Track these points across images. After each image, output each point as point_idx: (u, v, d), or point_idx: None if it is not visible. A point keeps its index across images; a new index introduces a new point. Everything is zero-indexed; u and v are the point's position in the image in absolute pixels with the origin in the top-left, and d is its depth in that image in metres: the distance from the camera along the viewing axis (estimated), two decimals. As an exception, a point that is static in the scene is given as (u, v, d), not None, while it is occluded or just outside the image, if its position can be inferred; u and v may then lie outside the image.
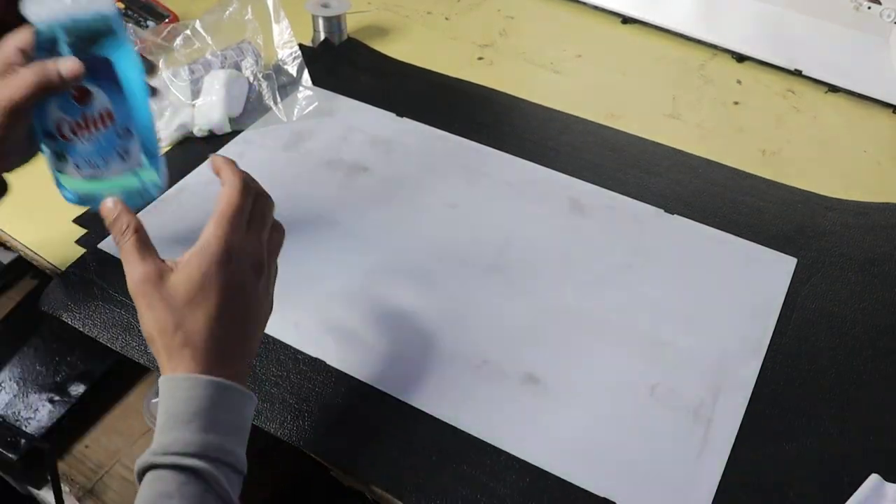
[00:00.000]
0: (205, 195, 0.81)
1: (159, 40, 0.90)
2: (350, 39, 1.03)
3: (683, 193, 0.82)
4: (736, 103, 0.96)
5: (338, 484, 0.62)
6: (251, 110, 0.90)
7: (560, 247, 0.76)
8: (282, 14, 0.93)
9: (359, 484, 0.60)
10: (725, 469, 0.60)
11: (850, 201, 0.83)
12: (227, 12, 0.92)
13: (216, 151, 0.86)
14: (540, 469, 0.59)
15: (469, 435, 0.61)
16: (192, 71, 0.88)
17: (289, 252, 0.61)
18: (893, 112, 0.95)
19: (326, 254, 0.75)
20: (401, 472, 0.60)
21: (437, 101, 0.94)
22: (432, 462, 0.60)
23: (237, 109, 0.89)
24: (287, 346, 0.67)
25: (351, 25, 1.04)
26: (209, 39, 0.91)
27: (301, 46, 0.95)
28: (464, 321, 0.70)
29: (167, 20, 0.98)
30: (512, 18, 1.10)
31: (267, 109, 0.90)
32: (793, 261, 0.75)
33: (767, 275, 0.74)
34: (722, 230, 0.78)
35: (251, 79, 0.91)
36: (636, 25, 1.08)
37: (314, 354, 0.66)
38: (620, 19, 1.09)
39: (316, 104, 0.91)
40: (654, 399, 0.64)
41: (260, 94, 0.91)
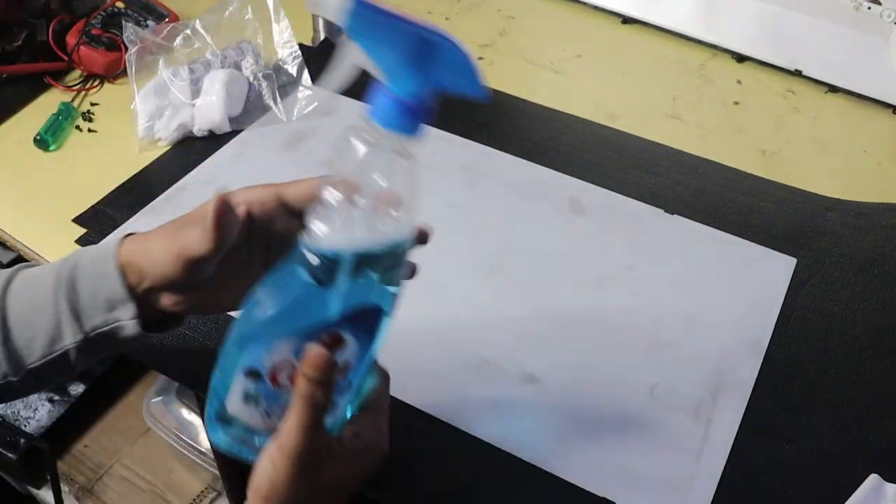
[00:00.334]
0: (204, 194, 0.80)
1: (159, 40, 0.90)
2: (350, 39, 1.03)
3: (683, 193, 0.82)
4: (736, 103, 0.96)
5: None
6: (251, 110, 0.90)
7: (560, 247, 0.76)
8: (282, 13, 0.93)
9: (358, 484, 0.60)
10: (725, 469, 0.60)
11: (850, 201, 0.83)
12: (227, 12, 0.92)
13: (216, 151, 0.86)
14: (539, 469, 0.59)
15: (468, 434, 0.61)
16: (192, 70, 0.88)
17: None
18: (893, 112, 0.95)
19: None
20: (400, 473, 0.59)
21: (437, 101, 0.93)
22: (431, 462, 0.60)
23: (237, 109, 0.89)
24: (286, 346, 0.67)
25: (351, 25, 1.04)
26: (209, 39, 0.91)
27: (301, 46, 0.95)
28: (463, 321, 0.70)
29: (167, 20, 0.98)
30: (512, 18, 1.10)
31: (267, 109, 0.90)
32: (792, 261, 0.75)
33: (767, 275, 0.74)
34: (722, 230, 0.78)
35: (251, 78, 0.91)
36: (636, 25, 1.08)
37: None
38: (621, 19, 1.09)
39: (316, 104, 0.91)
40: (654, 399, 0.64)
41: (260, 94, 0.91)
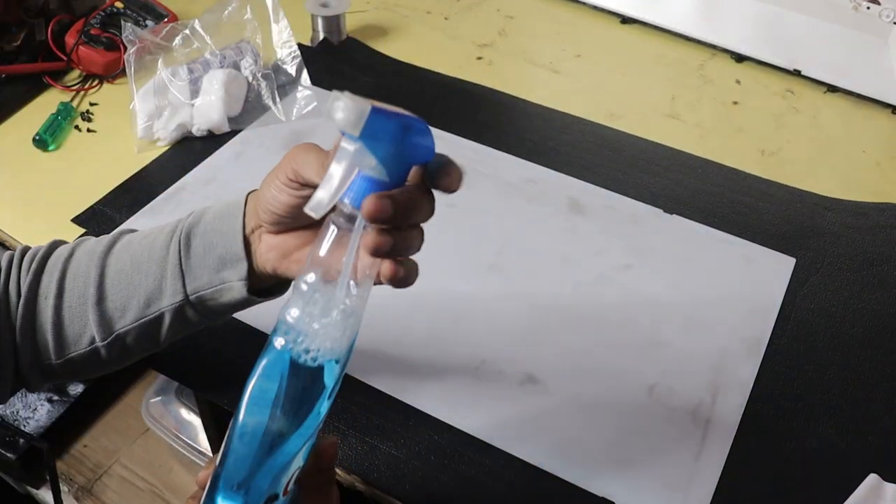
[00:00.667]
0: (203, 194, 0.81)
1: (158, 40, 0.90)
2: (349, 39, 1.03)
3: (682, 193, 0.82)
4: (735, 103, 0.96)
5: (337, 484, 0.62)
6: (250, 110, 0.90)
7: (559, 247, 0.76)
8: (281, 13, 0.93)
9: (358, 483, 0.60)
10: (724, 469, 0.60)
11: (849, 201, 0.83)
12: (226, 12, 0.92)
13: (215, 151, 0.86)
14: (539, 469, 0.59)
15: (468, 434, 0.61)
16: (191, 70, 0.88)
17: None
18: (892, 112, 0.95)
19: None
20: (400, 472, 0.60)
21: (437, 101, 0.94)
22: (431, 462, 0.60)
23: (236, 109, 0.89)
24: (286, 346, 0.67)
25: (350, 25, 1.04)
26: (208, 39, 0.91)
27: (300, 46, 0.95)
28: (462, 321, 0.70)
29: (166, 19, 0.98)
30: (511, 18, 1.10)
31: (266, 109, 0.90)
32: (791, 261, 0.76)
33: (766, 275, 0.74)
34: (721, 230, 0.78)
35: (250, 78, 0.91)
36: (635, 25, 1.08)
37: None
38: (620, 19, 1.09)
39: (315, 104, 0.91)
40: (653, 399, 0.64)
41: (259, 94, 0.91)
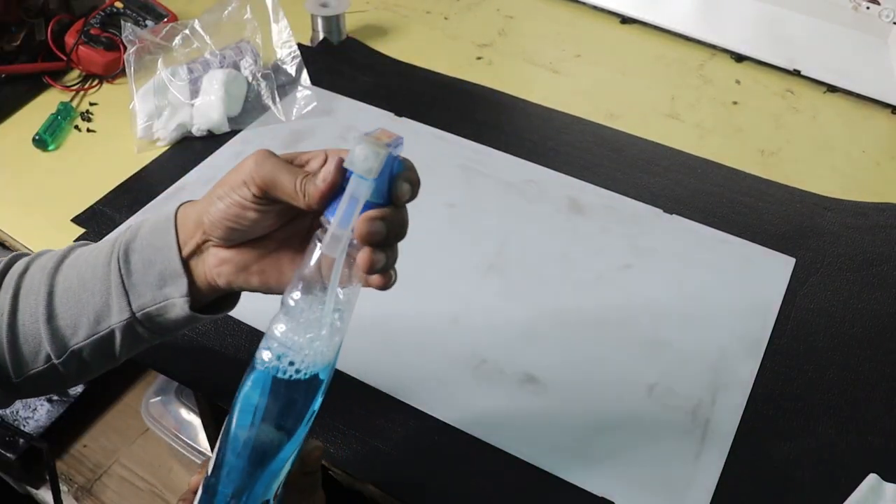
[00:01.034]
0: (203, 194, 0.80)
1: (158, 40, 0.90)
2: (349, 39, 1.03)
3: (682, 193, 0.82)
4: (735, 103, 0.96)
5: (337, 484, 0.62)
6: (250, 110, 0.90)
7: (559, 246, 0.76)
8: (281, 13, 0.93)
9: (358, 483, 0.60)
10: (724, 469, 0.60)
11: (849, 201, 0.83)
12: (226, 12, 0.92)
13: (215, 151, 0.86)
14: (538, 468, 0.59)
15: (467, 434, 0.61)
16: (191, 70, 0.88)
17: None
18: (892, 112, 0.95)
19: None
20: (400, 472, 0.60)
21: (436, 101, 0.94)
22: (431, 461, 0.60)
23: (236, 109, 0.89)
24: (285, 346, 0.67)
25: (350, 25, 1.04)
26: (208, 39, 0.91)
27: (300, 46, 0.95)
28: (462, 321, 0.70)
29: (166, 19, 0.98)
30: (511, 18, 1.10)
31: (266, 109, 0.90)
32: (791, 261, 0.76)
33: (766, 275, 0.74)
34: (720, 230, 0.78)
35: (250, 78, 0.91)
36: (635, 25, 1.08)
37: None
38: (619, 19, 1.09)
39: (315, 104, 0.91)
40: (653, 399, 0.64)
41: (259, 94, 0.91)
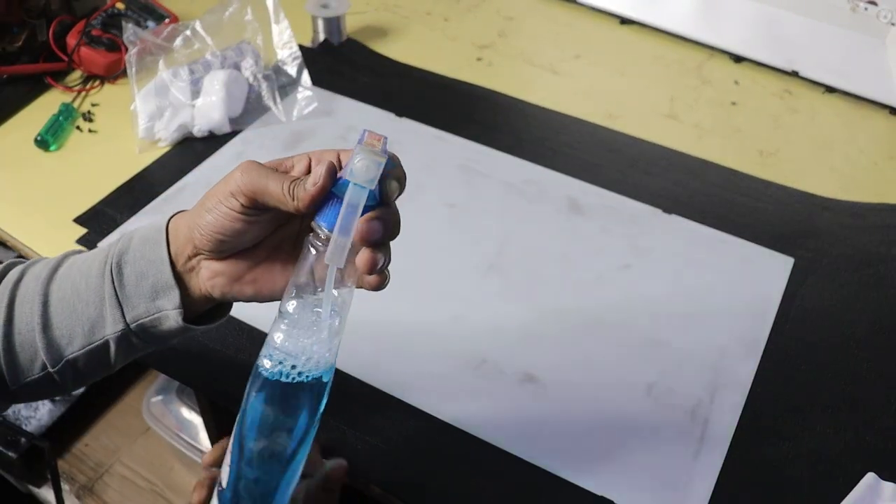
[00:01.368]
0: (204, 195, 0.81)
1: (159, 41, 0.91)
2: (349, 40, 1.04)
3: (681, 194, 0.83)
4: (733, 104, 0.97)
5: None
6: (251, 110, 0.90)
7: (558, 246, 0.77)
8: (281, 14, 0.93)
9: (358, 483, 0.60)
10: (723, 468, 0.60)
11: (847, 202, 0.83)
12: (227, 13, 0.92)
13: (216, 151, 0.86)
14: (538, 467, 0.60)
15: (467, 434, 0.62)
16: (192, 71, 0.89)
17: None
18: (890, 113, 0.96)
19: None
20: (400, 472, 0.60)
21: (437, 102, 0.94)
22: (431, 461, 0.60)
23: (237, 110, 0.89)
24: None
25: (350, 26, 1.05)
26: (209, 40, 0.91)
27: (301, 47, 0.95)
28: (462, 321, 0.70)
29: (167, 20, 0.99)
30: (511, 19, 1.10)
31: (266, 110, 0.91)
32: (790, 261, 0.76)
33: (764, 274, 0.75)
34: (719, 230, 0.79)
35: (251, 79, 0.91)
36: (634, 26, 1.09)
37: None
38: (619, 20, 1.09)
39: (315, 104, 0.91)
40: (652, 398, 0.64)
41: (259, 95, 0.91)
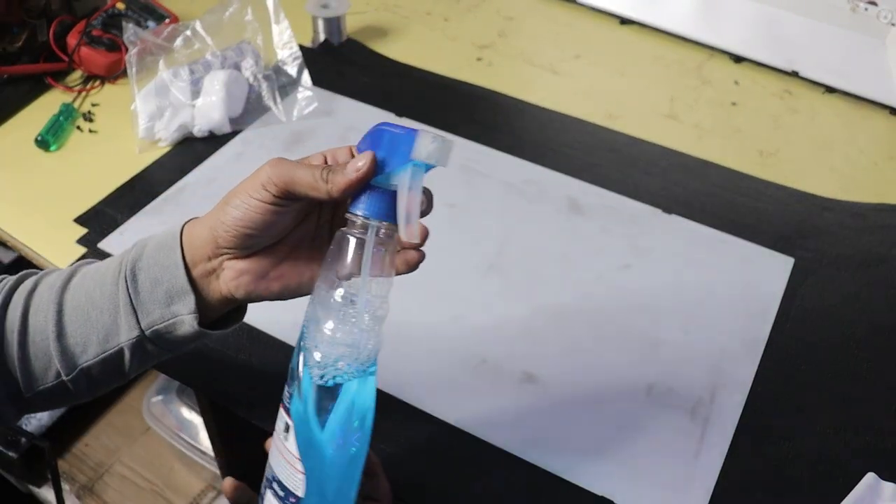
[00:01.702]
0: (204, 194, 0.81)
1: (159, 41, 0.91)
2: (350, 40, 1.04)
3: (681, 194, 0.83)
4: (733, 104, 0.97)
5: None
6: (251, 110, 0.91)
7: (558, 246, 0.77)
8: (282, 15, 0.93)
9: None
10: (722, 468, 0.60)
11: (847, 202, 0.83)
12: (228, 13, 0.92)
13: (216, 151, 0.86)
14: (538, 467, 0.60)
15: (467, 434, 0.62)
16: (193, 71, 0.89)
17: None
18: (890, 113, 0.96)
19: (326, 253, 0.75)
20: (400, 471, 0.60)
21: (437, 102, 0.94)
22: (431, 461, 0.60)
23: (237, 110, 0.89)
24: (287, 346, 0.67)
25: (350, 26, 1.05)
26: (209, 40, 0.91)
27: (301, 47, 0.95)
28: (462, 320, 0.70)
29: (167, 21, 0.99)
30: (511, 19, 1.10)
31: (266, 110, 0.91)
32: (790, 261, 0.76)
33: (765, 275, 0.75)
34: (719, 230, 0.79)
35: (251, 79, 0.91)
36: (634, 26, 1.09)
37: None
38: (619, 20, 1.09)
39: (315, 104, 0.91)
40: (652, 398, 0.64)
41: (260, 95, 0.91)
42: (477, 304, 0.71)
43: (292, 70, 0.93)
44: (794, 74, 0.99)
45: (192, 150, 0.87)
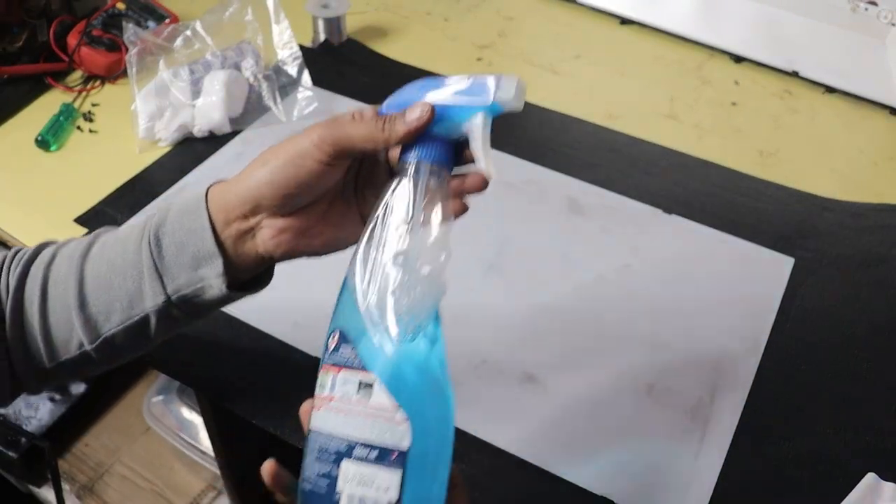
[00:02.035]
0: (205, 195, 0.81)
1: (159, 41, 0.91)
2: (350, 40, 1.04)
3: (681, 194, 0.83)
4: (733, 104, 0.97)
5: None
6: (251, 111, 0.90)
7: (558, 247, 0.77)
8: (282, 15, 0.93)
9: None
10: (723, 468, 0.60)
11: (847, 202, 0.83)
12: (228, 13, 0.92)
13: (216, 151, 0.86)
14: (538, 468, 0.60)
15: (467, 434, 0.62)
16: (193, 71, 0.89)
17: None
18: (890, 113, 0.96)
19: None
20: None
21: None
22: (431, 460, 0.60)
23: (237, 110, 0.89)
24: (286, 346, 0.67)
25: (351, 26, 1.05)
26: (209, 40, 0.91)
27: (301, 47, 0.95)
28: (462, 321, 0.70)
29: (167, 21, 0.99)
30: (511, 19, 1.10)
31: (267, 110, 0.91)
32: (790, 261, 0.76)
33: (765, 275, 0.75)
34: (719, 230, 0.79)
35: (251, 79, 0.91)
36: (634, 26, 1.09)
37: (313, 354, 0.67)
38: (619, 20, 1.09)
39: (316, 105, 0.91)
40: (652, 398, 0.64)
41: (260, 95, 0.91)
42: (476, 305, 0.71)
43: (292, 70, 0.93)
44: (794, 74, 0.99)
45: (193, 150, 0.87)
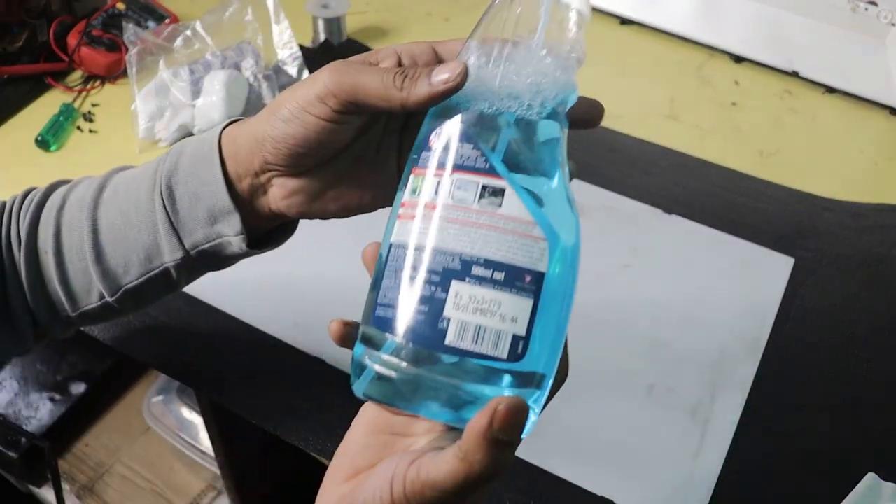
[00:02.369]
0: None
1: (160, 41, 0.91)
2: (350, 40, 1.04)
3: (681, 194, 0.83)
4: (734, 104, 0.97)
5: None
6: (251, 110, 0.90)
7: (558, 247, 0.77)
8: (282, 15, 0.93)
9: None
10: (723, 468, 0.60)
11: (847, 202, 0.83)
12: (228, 13, 0.92)
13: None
14: (538, 468, 0.60)
15: (468, 433, 0.62)
16: (193, 71, 0.89)
17: (286, 250, 0.61)
18: (890, 113, 0.96)
19: (325, 252, 0.75)
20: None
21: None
22: (431, 460, 0.60)
23: (237, 110, 0.89)
24: (287, 346, 0.67)
25: (351, 26, 1.05)
26: (209, 40, 0.91)
27: (301, 47, 0.95)
28: (463, 321, 0.70)
29: (167, 21, 0.99)
30: (511, 19, 1.10)
31: (267, 110, 0.91)
32: (790, 261, 0.76)
33: (765, 275, 0.75)
34: (720, 230, 0.79)
35: (251, 79, 0.91)
36: (634, 26, 1.09)
37: (313, 353, 0.67)
38: (619, 20, 1.09)
39: (316, 104, 0.91)
40: (652, 399, 0.65)
41: (260, 95, 0.91)
42: (477, 304, 0.71)
43: (292, 70, 0.93)
44: (795, 74, 0.99)
45: (193, 150, 0.86)
